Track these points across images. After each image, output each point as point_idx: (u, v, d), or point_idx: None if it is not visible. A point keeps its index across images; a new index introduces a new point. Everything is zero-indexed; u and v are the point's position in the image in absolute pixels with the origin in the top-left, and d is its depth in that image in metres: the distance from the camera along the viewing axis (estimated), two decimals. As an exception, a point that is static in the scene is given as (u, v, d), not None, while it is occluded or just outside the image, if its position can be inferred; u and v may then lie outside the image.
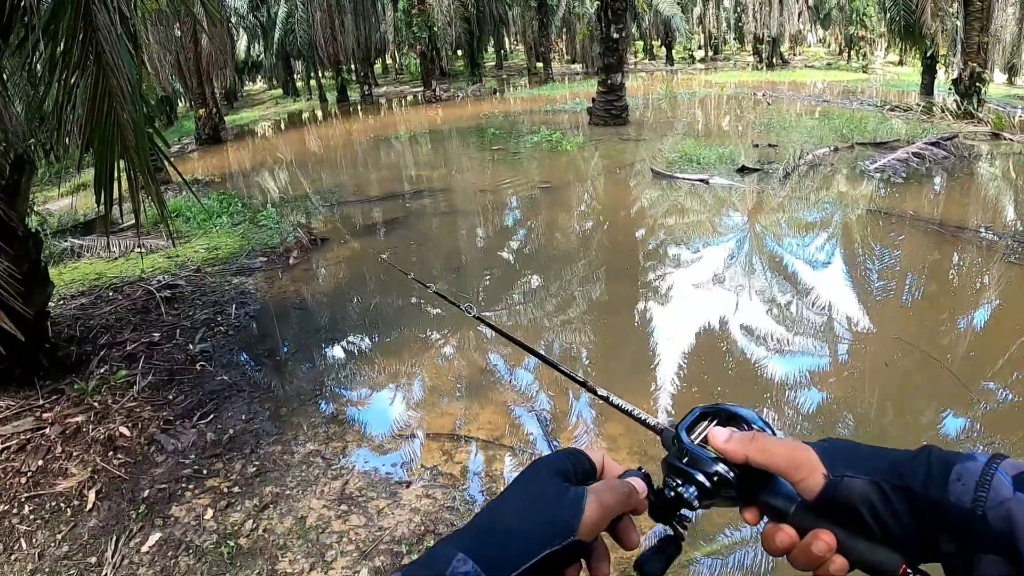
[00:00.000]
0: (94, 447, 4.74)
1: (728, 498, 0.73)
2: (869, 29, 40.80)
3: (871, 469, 0.67)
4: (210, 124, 24.79)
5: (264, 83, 56.67)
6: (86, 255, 9.56)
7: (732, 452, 0.72)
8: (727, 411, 0.78)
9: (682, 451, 0.75)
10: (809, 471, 0.68)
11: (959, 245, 8.48)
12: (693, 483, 0.73)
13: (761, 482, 0.72)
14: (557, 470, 0.73)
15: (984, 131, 16.11)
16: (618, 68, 19.11)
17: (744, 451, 0.71)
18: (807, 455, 0.69)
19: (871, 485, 0.65)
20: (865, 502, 0.65)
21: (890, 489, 0.65)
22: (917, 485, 0.64)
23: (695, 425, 0.77)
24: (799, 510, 0.69)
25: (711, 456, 0.73)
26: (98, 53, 4.23)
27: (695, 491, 0.72)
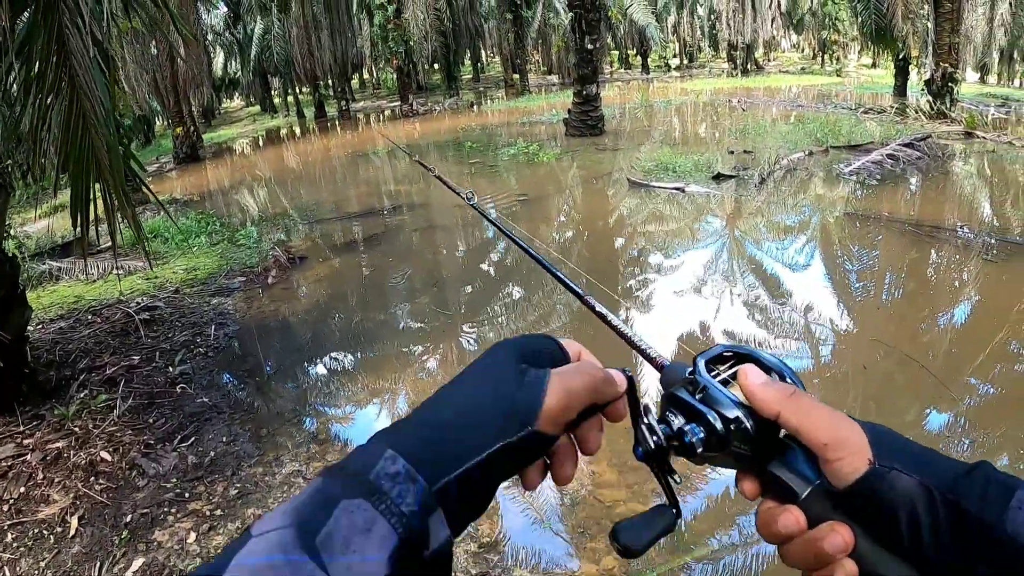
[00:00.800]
0: (76, 473, 4.70)
1: (734, 456, 0.61)
2: (842, 33, 41.22)
3: (924, 470, 0.55)
4: (188, 142, 24.70)
5: (242, 100, 56.53)
6: (64, 278, 9.50)
7: (765, 401, 0.59)
8: (756, 356, 0.65)
9: (696, 385, 0.63)
10: (851, 452, 0.56)
11: (935, 244, 8.56)
12: (702, 424, 0.61)
13: (775, 449, 0.61)
14: (518, 353, 0.64)
15: (957, 130, 16.32)
16: (593, 79, 19.20)
17: (779, 406, 0.58)
18: (854, 433, 0.57)
19: (921, 488, 0.54)
20: (907, 505, 0.54)
21: (940, 499, 0.53)
22: (971, 503, 0.52)
23: (715, 363, 0.66)
24: (814, 494, 0.58)
25: (733, 398, 0.61)
26: (71, 76, 4.22)
27: (703, 435, 0.61)
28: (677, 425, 0.62)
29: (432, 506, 0.52)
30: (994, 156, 14.04)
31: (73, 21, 4.13)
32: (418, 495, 0.52)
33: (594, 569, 3.59)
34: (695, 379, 0.64)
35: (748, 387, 0.60)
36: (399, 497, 0.51)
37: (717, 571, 3.59)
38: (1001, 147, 14.63)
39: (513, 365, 0.62)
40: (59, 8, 4.08)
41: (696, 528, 3.87)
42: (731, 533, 3.80)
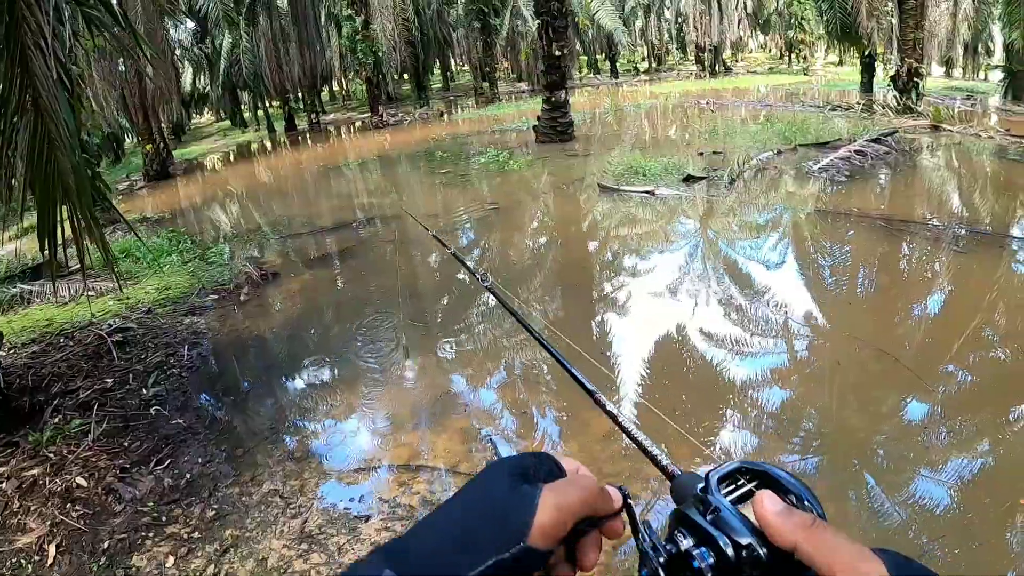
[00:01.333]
0: (52, 500, 4.64)
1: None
2: (808, 32, 41.62)
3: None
4: (158, 159, 24.51)
5: (212, 115, 56.18)
6: (36, 301, 9.39)
7: (781, 532, 0.55)
8: (773, 475, 0.61)
9: (707, 505, 0.59)
10: None
11: (906, 238, 8.67)
12: (713, 549, 0.56)
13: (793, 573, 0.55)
14: (513, 469, 0.62)
15: (924, 124, 16.55)
16: (561, 85, 19.28)
17: (796, 537, 0.54)
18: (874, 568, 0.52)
19: None
20: None
21: None
22: None
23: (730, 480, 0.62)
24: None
25: (746, 523, 0.57)
26: (35, 98, 4.19)
27: (712, 560, 0.56)
28: (685, 547, 0.58)
29: None
30: (961, 148, 14.24)
31: (36, 43, 4.10)
32: None
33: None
34: (706, 498, 0.60)
35: (765, 516, 0.56)
36: None
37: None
38: (967, 139, 14.85)
39: (506, 481, 0.61)
40: (22, 29, 4.05)
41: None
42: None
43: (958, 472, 4.22)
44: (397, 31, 32.21)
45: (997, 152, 13.82)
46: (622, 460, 4.60)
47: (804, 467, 4.43)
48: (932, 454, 4.43)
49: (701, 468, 0.65)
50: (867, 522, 3.85)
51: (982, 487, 4.08)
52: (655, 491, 4.15)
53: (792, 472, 0.61)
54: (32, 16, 4.07)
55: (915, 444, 4.56)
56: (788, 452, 4.59)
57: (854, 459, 4.38)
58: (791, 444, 4.69)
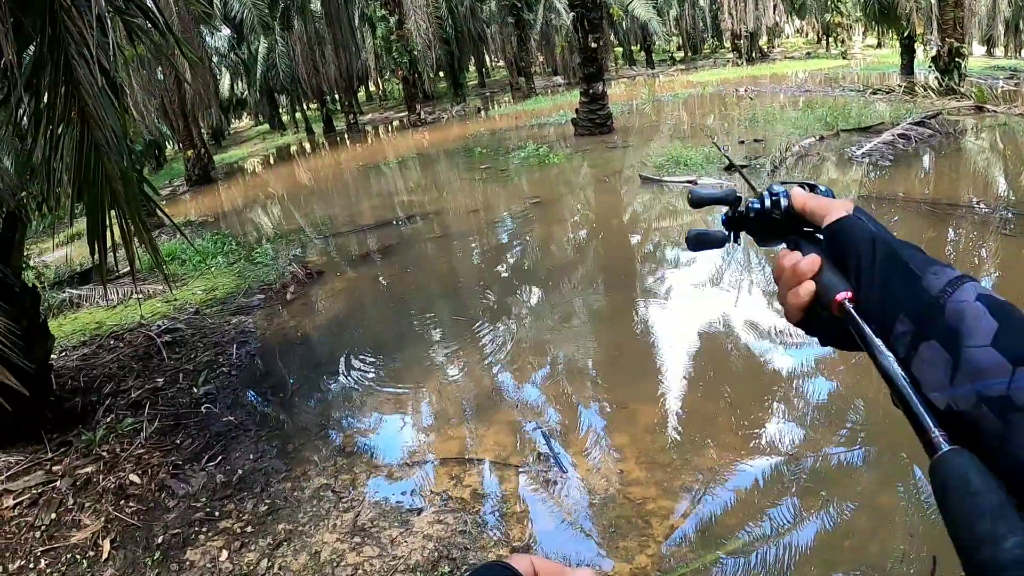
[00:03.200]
0: (105, 496, 4.74)
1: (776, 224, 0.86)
2: (845, 15, 41.00)
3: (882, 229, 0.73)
4: (199, 164, 24.90)
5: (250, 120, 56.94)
6: (85, 305, 9.59)
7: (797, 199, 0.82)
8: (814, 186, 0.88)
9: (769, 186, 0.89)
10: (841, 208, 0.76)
11: (953, 222, 8.51)
12: (760, 201, 0.89)
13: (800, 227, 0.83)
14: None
15: (967, 105, 16.18)
16: (599, 77, 19.19)
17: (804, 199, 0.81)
18: (847, 202, 0.77)
19: (870, 235, 0.71)
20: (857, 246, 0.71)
21: (882, 247, 0.70)
22: (905, 256, 0.68)
23: None
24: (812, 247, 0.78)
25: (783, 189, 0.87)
26: (81, 107, 4.27)
27: (758, 206, 0.89)
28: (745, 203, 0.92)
29: None
30: (1006, 129, 13.93)
31: (80, 52, 4.17)
32: None
33: (627, 568, 3.58)
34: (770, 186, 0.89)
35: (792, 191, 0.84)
36: None
37: (750, 564, 3.57)
38: (1013, 119, 14.50)
39: None
40: (65, 40, 4.12)
41: (726, 522, 3.85)
42: (762, 525, 3.78)
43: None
44: (431, 29, 32.30)
45: (1044, 132, 13.51)
46: (671, 451, 4.59)
47: (851, 459, 4.36)
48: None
49: None
50: (915, 514, 3.78)
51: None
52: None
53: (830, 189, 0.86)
54: (75, 26, 4.14)
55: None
56: (835, 444, 4.52)
57: (902, 451, 4.30)
58: (838, 436, 4.61)
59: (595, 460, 4.64)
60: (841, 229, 0.74)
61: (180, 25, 21.62)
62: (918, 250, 0.70)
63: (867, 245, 0.70)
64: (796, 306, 0.75)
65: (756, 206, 0.90)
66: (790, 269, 0.76)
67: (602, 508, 4.06)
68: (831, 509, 3.84)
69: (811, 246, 0.79)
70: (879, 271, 0.69)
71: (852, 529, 3.72)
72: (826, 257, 0.75)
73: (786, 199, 0.85)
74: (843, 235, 0.73)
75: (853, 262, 0.71)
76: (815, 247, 0.78)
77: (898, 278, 0.67)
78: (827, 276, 0.73)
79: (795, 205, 0.82)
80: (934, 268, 0.66)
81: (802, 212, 0.81)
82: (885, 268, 0.69)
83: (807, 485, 4.11)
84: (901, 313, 0.65)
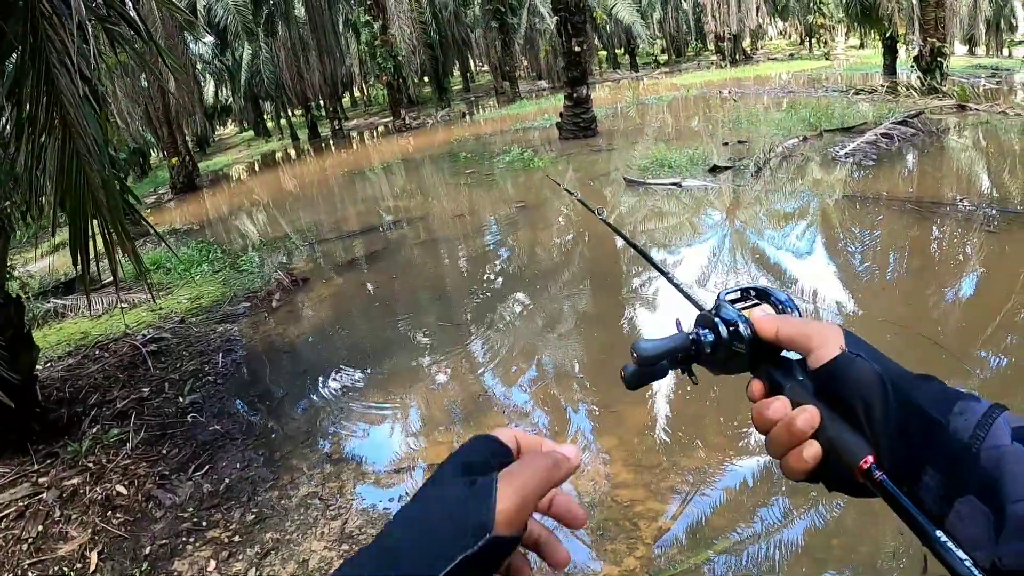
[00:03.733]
0: (92, 508, 4.71)
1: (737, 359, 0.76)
2: (827, 16, 41.19)
3: (884, 364, 0.65)
4: (184, 172, 24.82)
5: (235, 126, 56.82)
6: (70, 314, 9.54)
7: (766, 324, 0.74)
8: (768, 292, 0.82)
9: (716, 306, 0.80)
10: (829, 341, 0.68)
11: (936, 220, 8.55)
12: (713, 331, 0.78)
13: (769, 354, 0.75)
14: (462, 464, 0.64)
15: (949, 104, 16.31)
16: (582, 80, 19.22)
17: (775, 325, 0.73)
18: (833, 330, 0.70)
19: (878, 378, 0.63)
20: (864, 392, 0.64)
21: (894, 392, 0.62)
22: (921, 400, 0.62)
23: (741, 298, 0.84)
24: (796, 385, 0.70)
25: (739, 315, 0.77)
26: (63, 115, 4.24)
27: (713, 338, 0.77)
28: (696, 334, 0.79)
29: None
30: (988, 127, 14.03)
31: (61, 61, 4.15)
32: None
33: (616, 570, 3.58)
34: (717, 304, 0.81)
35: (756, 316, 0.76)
36: None
37: (741, 563, 3.57)
38: (995, 117, 14.62)
39: (459, 478, 0.62)
40: (46, 48, 4.10)
41: (715, 523, 3.86)
42: (751, 525, 3.79)
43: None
44: (415, 34, 32.36)
45: (1026, 129, 13.61)
46: (659, 453, 4.59)
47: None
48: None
49: None
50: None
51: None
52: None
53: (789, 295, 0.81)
54: (56, 35, 4.12)
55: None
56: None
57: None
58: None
59: (582, 463, 4.63)
60: (840, 371, 0.66)
61: (164, 32, 21.59)
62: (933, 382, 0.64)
63: (876, 391, 0.63)
64: (799, 471, 0.67)
65: (710, 339, 0.78)
66: (783, 427, 0.67)
67: (590, 511, 4.06)
68: (820, 508, 3.85)
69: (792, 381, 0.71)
70: (895, 422, 0.62)
71: (842, 528, 3.73)
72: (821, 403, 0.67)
73: (747, 327, 0.75)
74: (844, 379, 0.65)
75: (861, 411, 0.63)
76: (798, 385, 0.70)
77: (918, 427, 0.61)
78: (837, 435, 0.64)
79: (762, 334, 0.74)
80: (958, 407, 0.60)
81: (775, 341, 0.73)
82: (902, 417, 0.61)
83: (796, 485, 4.11)
84: (927, 466, 0.59)
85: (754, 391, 0.74)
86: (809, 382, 0.70)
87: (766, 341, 0.74)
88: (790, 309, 0.79)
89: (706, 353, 0.78)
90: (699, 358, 0.80)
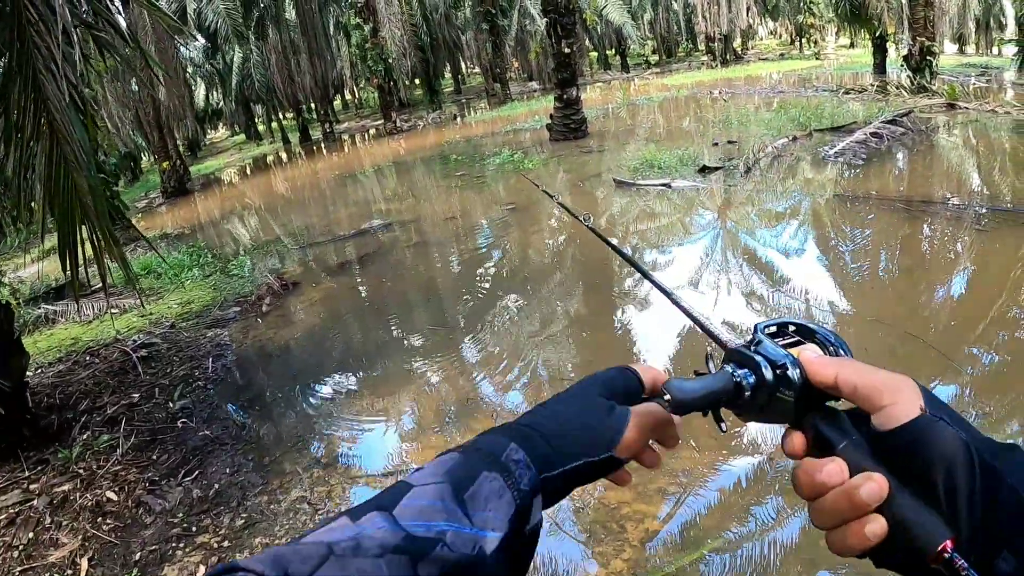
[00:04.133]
0: (83, 514, 4.70)
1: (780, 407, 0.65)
2: (817, 16, 41.32)
3: (968, 430, 0.56)
4: (175, 176, 24.77)
5: (226, 130, 56.70)
6: (60, 320, 9.51)
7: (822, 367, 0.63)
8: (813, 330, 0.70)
9: (752, 341, 0.70)
10: (906, 398, 0.58)
11: (927, 219, 8.57)
12: (755, 372, 0.66)
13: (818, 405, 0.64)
14: (607, 387, 0.79)
15: (939, 103, 16.35)
16: (572, 82, 19.24)
17: (835, 369, 0.62)
18: (908, 384, 0.60)
19: (963, 444, 0.54)
20: (948, 457, 0.54)
21: (979, 460, 0.53)
22: (1010, 472, 0.53)
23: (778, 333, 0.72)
24: (852, 445, 0.60)
25: (785, 354, 0.66)
26: (50, 122, 4.24)
27: (753, 380, 0.66)
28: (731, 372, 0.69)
29: (538, 490, 0.67)
30: (978, 125, 14.08)
31: (47, 67, 4.14)
32: (531, 480, 0.67)
33: (603, 572, 3.58)
34: (754, 337, 0.70)
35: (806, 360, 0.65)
36: (519, 477, 0.66)
37: (736, 561, 3.58)
38: (984, 116, 14.67)
39: (604, 399, 0.77)
40: (33, 54, 4.10)
41: (705, 524, 3.86)
42: (743, 525, 3.79)
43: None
44: (406, 37, 32.30)
45: (1015, 127, 13.63)
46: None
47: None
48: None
49: None
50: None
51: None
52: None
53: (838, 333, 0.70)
54: (43, 41, 4.11)
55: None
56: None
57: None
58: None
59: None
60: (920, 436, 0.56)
61: (154, 36, 21.55)
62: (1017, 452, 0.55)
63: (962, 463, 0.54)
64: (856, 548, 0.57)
65: (751, 381, 0.66)
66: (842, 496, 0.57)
67: (577, 514, 4.06)
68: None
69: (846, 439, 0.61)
70: (980, 496, 0.52)
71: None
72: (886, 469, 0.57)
73: (797, 370, 0.64)
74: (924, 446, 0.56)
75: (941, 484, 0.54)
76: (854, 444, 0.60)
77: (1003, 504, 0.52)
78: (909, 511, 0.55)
79: (816, 379, 0.64)
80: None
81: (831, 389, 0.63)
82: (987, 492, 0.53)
83: (789, 485, 4.12)
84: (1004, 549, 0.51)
85: (795, 446, 0.65)
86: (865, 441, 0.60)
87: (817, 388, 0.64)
88: (842, 351, 0.68)
89: (744, 398, 0.67)
90: (732, 402, 0.69)
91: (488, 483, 0.64)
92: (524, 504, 0.65)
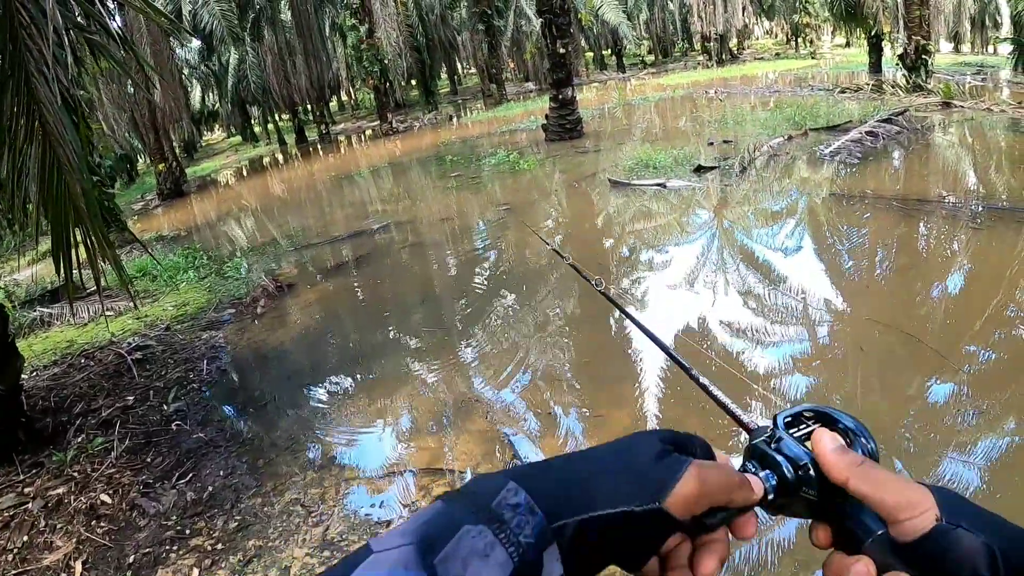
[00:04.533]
0: (77, 517, 4.69)
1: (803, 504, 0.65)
2: (813, 15, 41.42)
3: (991, 531, 0.55)
4: (171, 178, 24.76)
5: (222, 132, 56.72)
6: (55, 323, 9.50)
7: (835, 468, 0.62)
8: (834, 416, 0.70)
9: (774, 437, 0.68)
10: (920, 511, 0.57)
11: (923, 217, 8.58)
12: (776, 471, 0.65)
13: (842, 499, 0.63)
14: (666, 439, 0.64)
15: (935, 102, 16.40)
16: (568, 82, 19.26)
17: (848, 473, 0.61)
18: (922, 495, 0.58)
19: (985, 547, 0.54)
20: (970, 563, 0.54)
21: (1003, 561, 0.53)
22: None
23: (796, 421, 0.71)
24: (877, 543, 0.59)
25: (805, 451, 0.65)
26: (43, 125, 4.23)
27: (775, 481, 0.65)
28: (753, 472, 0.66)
29: (548, 540, 0.53)
30: (973, 124, 14.11)
31: (39, 70, 4.13)
32: (536, 528, 0.53)
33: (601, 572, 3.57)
34: (774, 432, 0.69)
35: (822, 453, 0.63)
36: (518, 527, 0.52)
37: (734, 561, 3.57)
38: (979, 114, 14.71)
39: (658, 445, 0.62)
40: (25, 58, 4.09)
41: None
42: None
43: (987, 453, 4.14)
44: (402, 38, 32.34)
45: (1010, 126, 13.67)
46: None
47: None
48: (961, 435, 4.34)
49: None
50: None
51: (1013, 467, 4.02)
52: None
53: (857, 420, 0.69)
54: (35, 44, 4.11)
55: (942, 426, 4.48)
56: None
57: (881, 444, 4.31)
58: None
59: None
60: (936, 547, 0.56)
61: (149, 38, 21.53)
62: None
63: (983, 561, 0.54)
64: None
65: (772, 482, 0.65)
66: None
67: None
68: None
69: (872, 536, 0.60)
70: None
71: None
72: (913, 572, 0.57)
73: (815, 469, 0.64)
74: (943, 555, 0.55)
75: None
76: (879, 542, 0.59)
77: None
78: None
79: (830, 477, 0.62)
80: None
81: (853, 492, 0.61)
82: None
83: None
84: None
85: (821, 539, 0.65)
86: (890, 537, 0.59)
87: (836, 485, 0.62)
88: (864, 439, 0.67)
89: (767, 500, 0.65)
90: None
91: (468, 540, 0.51)
92: (526, 560, 0.52)
